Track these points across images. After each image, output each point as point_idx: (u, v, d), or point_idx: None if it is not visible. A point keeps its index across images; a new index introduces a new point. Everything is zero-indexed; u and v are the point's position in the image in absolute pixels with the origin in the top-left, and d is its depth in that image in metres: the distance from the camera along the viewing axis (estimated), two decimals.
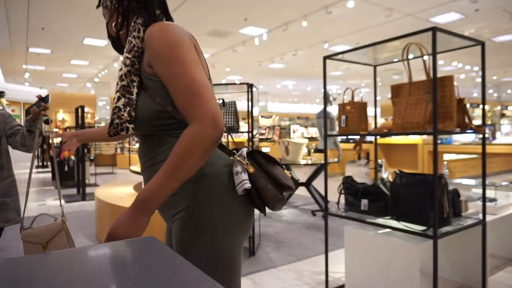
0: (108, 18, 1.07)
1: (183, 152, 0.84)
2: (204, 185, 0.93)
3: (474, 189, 2.89)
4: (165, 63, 0.90)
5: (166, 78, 0.90)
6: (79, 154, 6.42)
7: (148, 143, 0.99)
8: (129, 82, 0.95)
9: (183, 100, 0.88)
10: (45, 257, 0.84)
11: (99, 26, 8.36)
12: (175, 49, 0.90)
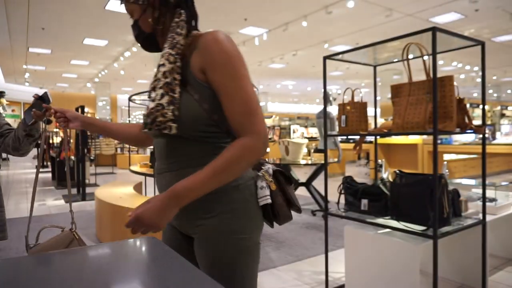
0: (140, 14, 1.03)
1: (232, 159, 0.88)
2: (236, 195, 0.97)
3: (474, 189, 2.89)
4: (224, 74, 0.90)
5: (223, 89, 0.91)
6: (79, 154, 6.42)
7: (179, 145, 0.97)
8: (172, 80, 0.94)
9: (238, 114, 0.90)
10: (45, 257, 0.84)
11: (99, 26, 8.37)
12: (235, 63, 0.91)
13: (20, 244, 3.68)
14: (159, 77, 0.95)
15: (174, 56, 0.95)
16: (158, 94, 0.93)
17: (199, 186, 0.88)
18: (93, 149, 8.93)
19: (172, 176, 0.97)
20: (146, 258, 0.90)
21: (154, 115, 0.92)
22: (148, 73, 13.64)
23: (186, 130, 0.93)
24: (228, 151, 0.89)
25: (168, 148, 0.99)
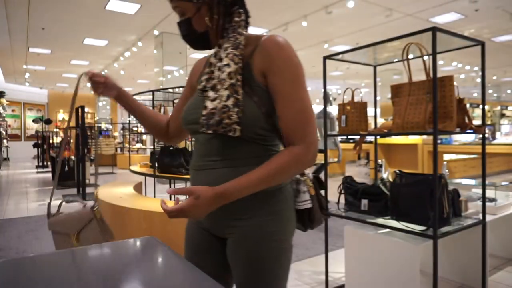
0: (194, 13, 0.98)
1: (283, 167, 0.90)
2: (279, 197, 0.98)
3: (474, 189, 2.89)
4: (286, 81, 0.91)
5: (282, 95, 0.91)
6: (79, 154, 6.42)
7: (231, 144, 0.95)
8: (236, 81, 0.92)
9: (294, 122, 0.91)
10: (45, 257, 0.84)
11: (99, 26, 8.37)
12: (298, 71, 0.93)
13: (20, 244, 3.69)
14: (223, 78, 0.92)
15: (238, 57, 0.94)
16: (224, 96, 0.90)
17: (246, 188, 0.89)
18: (93, 149, 8.92)
19: (219, 174, 0.96)
20: (146, 258, 0.90)
21: (220, 117, 0.89)
22: (148, 73, 13.63)
23: (245, 132, 0.92)
24: (280, 158, 0.90)
25: (218, 147, 0.97)
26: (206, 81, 0.99)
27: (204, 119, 0.92)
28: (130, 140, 11.12)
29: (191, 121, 1.01)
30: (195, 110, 1.00)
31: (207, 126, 0.92)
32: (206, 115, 0.92)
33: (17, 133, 16.97)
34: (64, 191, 7.04)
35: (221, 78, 0.93)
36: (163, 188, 6.79)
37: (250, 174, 0.89)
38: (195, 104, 1.02)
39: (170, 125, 1.23)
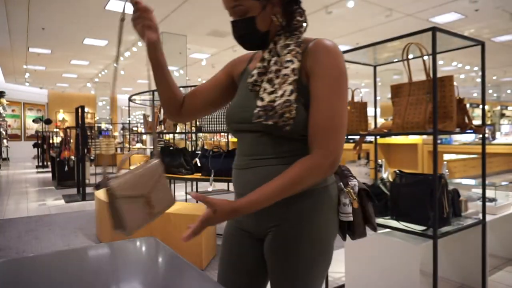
0: (259, 11, 0.95)
1: (298, 178, 0.88)
2: (323, 196, 0.97)
3: (474, 189, 2.89)
4: (328, 87, 0.90)
5: (318, 98, 0.90)
6: (79, 154, 6.42)
7: (274, 143, 0.95)
8: (296, 79, 0.92)
9: (319, 126, 0.90)
10: (45, 257, 0.84)
11: (99, 26, 8.37)
12: (340, 78, 0.92)
13: (20, 244, 3.69)
14: (287, 73, 0.91)
15: (300, 55, 0.94)
16: (288, 90, 0.89)
17: (261, 203, 0.88)
18: (93, 149, 8.92)
19: (267, 172, 0.95)
20: (146, 258, 0.90)
21: (282, 110, 0.88)
22: (148, 73, 13.61)
23: (294, 130, 0.92)
24: (296, 167, 0.89)
25: (265, 145, 0.96)
26: (258, 75, 0.98)
27: (262, 111, 0.90)
28: (130, 140, 11.13)
29: (240, 120, 1.00)
30: (245, 108, 0.98)
31: (266, 117, 0.89)
32: (263, 106, 0.90)
33: (17, 133, 16.97)
34: (64, 191, 7.04)
35: (284, 73, 0.92)
36: None
37: (266, 187, 0.88)
38: (245, 101, 1.00)
39: (186, 101, 1.13)
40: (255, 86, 0.98)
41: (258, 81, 0.97)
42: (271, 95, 0.91)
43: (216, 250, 3.29)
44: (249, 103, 0.97)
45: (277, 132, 0.92)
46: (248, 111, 0.95)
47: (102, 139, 11.27)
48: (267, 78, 0.95)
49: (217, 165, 3.08)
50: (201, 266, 2.89)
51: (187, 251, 2.89)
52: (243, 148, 1.01)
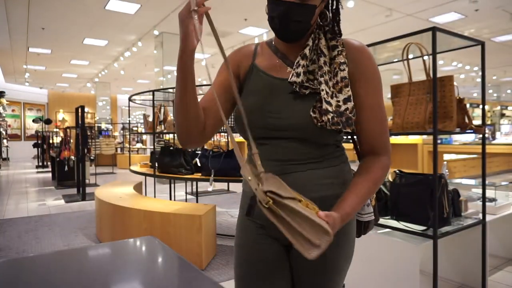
0: (319, 2, 0.89)
1: (379, 180, 0.91)
2: None
3: (474, 189, 2.89)
4: (373, 91, 0.91)
5: (369, 105, 0.91)
6: (79, 154, 6.42)
7: (309, 147, 0.92)
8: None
9: (379, 132, 0.92)
10: (45, 257, 0.84)
11: (99, 26, 8.37)
12: (380, 81, 0.94)
13: (20, 244, 3.69)
14: (346, 76, 0.89)
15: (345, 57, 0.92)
16: (351, 95, 0.89)
17: (353, 214, 0.86)
18: (93, 149, 8.92)
19: (310, 177, 0.92)
20: (146, 258, 0.90)
21: (347, 116, 0.87)
22: (148, 73, 13.63)
23: (330, 138, 0.93)
24: (375, 173, 0.91)
25: (300, 150, 0.92)
26: (304, 75, 0.89)
27: (336, 117, 0.86)
28: (130, 140, 11.14)
29: (271, 126, 0.91)
30: (278, 114, 0.91)
31: (343, 124, 0.86)
32: (335, 112, 0.86)
33: (17, 133, 16.97)
34: (64, 191, 7.04)
35: (342, 76, 0.89)
36: (163, 188, 6.79)
37: (356, 190, 0.88)
38: (275, 105, 0.91)
39: (206, 122, 0.95)
40: (302, 88, 0.89)
41: (303, 82, 0.88)
42: (332, 99, 0.87)
43: (216, 250, 3.29)
44: (284, 107, 0.90)
45: (322, 139, 0.91)
46: (283, 116, 0.89)
47: (102, 139, 11.28)
48: (324, 80, 0.88)
49: (217, 165, 3.08)
50: (201, 266, 2.89)
51: (187, 251, 2.89)
52: (271, 153, 0.93)
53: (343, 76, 0.89)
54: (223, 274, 2.83)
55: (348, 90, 0.88)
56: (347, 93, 0.88)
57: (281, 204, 0.71)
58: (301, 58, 0.90)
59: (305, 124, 0.88)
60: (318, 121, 0.86)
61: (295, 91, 0.89)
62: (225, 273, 2.85)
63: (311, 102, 0.88)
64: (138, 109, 19.38)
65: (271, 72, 0.95)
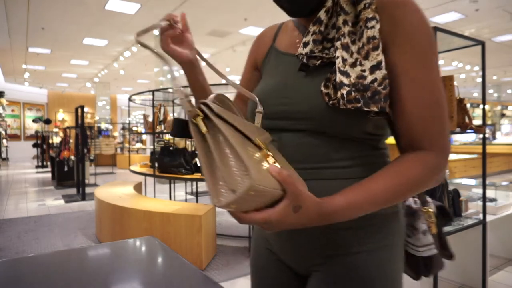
0: None
1: (415, 183, 0.62)
2: (392, 226, 0.71)
3: (474, 189, 2.89)
4: (416, 56, 0.63)
5: (409, 77, 0.63)
6: (78, 154, 6.42)
7: (325, 145, 0.68)
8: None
9: (424, 117, 0.63)
10: (45, 257, 0.84)
11: (99, 26, 8.37)
12: (432, 43, 0.64)
13: (20, 244, 3.69)
14: (374, 35, 0.63)
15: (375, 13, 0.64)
16: (382, 60, 0.62)
17: (368, 205, 0.61)
18: (92, 149, 8.92)
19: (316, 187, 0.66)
20: (146, 258, 0.90)
21: (374, 89, 0.61)
22: (148, 73, 13.63)
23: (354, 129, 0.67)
24: (409, 167, 0.62)
25: (312, 149, 0.69)
26: (315, 43, 0.67)
27: (354, 91, 0.61)
28: (130, 140, 11.14)
29: (277, 114, 0.71)
30: (283, 99, 0.71)
31: (365, 100, 0.61)
32: (354, 84, 0.61)
33: (17, 133, 16.97)
34: (64, 191, 7.04)
35: (370, 35, 0.62)
36: (163, 188, 6.79)
37: (372, 183, 0.61)
38: (280, 87, 0.72)
39: None
40: (311, 59, 0.67)
41: (315, 51, 0.67)
42: (354, 68, 0.62)
43: (216, 250, 3.29)
44: (292, 88, 0.70)
45: (341, 130, 0.66)
46: (291, 101, 0.69)
47: (101, 139, 11.28)
48: (342, 44, 0.64)
49: None
50: (201, 266, 2.88)
51: (187, 251, 2.88)
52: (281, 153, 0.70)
53: (370, 35, 0.63)
54: (223, 274, 2.83)
55: (378, 54, 0.62)
56: (375, 59, 0.62)
57: (213, 125, 0.53)
58: (313, 24, 0.70)
59: (315, 106, 0.66)
60: (330, 99, 0.63)
61: (306, 66, 0.69)
62: (225, 273, 2.85)
63: (324, 76, 0.65)
64: (138, 109, 19.38)
65: (290, 50, 0.77)
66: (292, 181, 0.53)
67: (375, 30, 0.62)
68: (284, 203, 0.53)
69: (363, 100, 0.61)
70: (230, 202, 0.48)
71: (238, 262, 3.06)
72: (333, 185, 0.66)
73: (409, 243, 0.75)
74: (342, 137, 0.67)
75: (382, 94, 0.61)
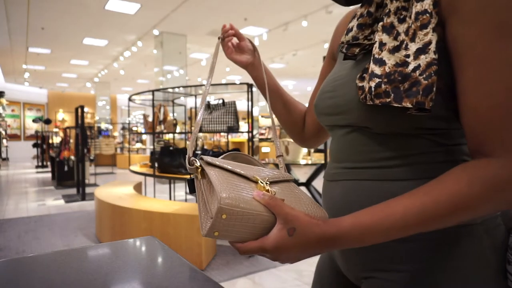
0: None
1: (453, 203, 0.46)
2: (464, 244, 0.54)
3: None
4: (486, 33, 0.47)
5: (476, 59, 0.48)
6: (79, 154, 6.42)
7: (376, 142, 0.59)
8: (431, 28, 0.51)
9: (490, 112, 0.47)
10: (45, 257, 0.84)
11: (99, 26, 8.37)
12: (509, 15, 0.47)
13: (20, 244, 3.69)
14: (426, 9, 0.50)
15: None
16: (432, 42, 0.49)
17: (382, 232, 0.49)
18: (93, 149, 8.92)
19: (360, 188, 0.60)
20: (146, 258, 0.90)
21: (429, 79, 0.48)
22: (148, 73, 13.64)
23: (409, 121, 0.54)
24: (455, 179, 0.47)
25: (359, 146, 0.61)
26: (359, 28, 0.59)
27: (386, 83, 0.51)
28: (130, 140, 11.14)
29: (327, 110, 0.66)
30: (332, 92, 0.64)
31: (397, 94, 0.50)
32: (387, 75, 0.51)
33: (17, 133, 16.98)
34: (64, 191, 7.04)
35: (418, 10, 0.51)
36: (163, 188, 6.79)
37: (391, 206, 0.49)
38: (332, 81, 0.66)
39: (307, 119, 0.87)
40: (352, 47, 0.60)
41: (359, 37, 0.59)
42: (395, 53, 0.52)
43: (216, 250, 3.29)
44: (339, 81, 0.63)
45: (385, 125, 0.56)
46: (337, 94, 0.63)
47: (102, 139, 11.28)
48: (383, 25, 0.54)
49: None
50: (201, 266, 2.89)
51: (187, 251, 2.89)
52: (333, 150, 0.68)
53: (419, 10, 0.50)
54: (223, 274, 2.83)
55: (426, 34, 0.49)
56: (423, 40, 0.49)
57: (205, 172, 0.55)
58: (361, 5, 0.60)
59: (351, 101, 0.59)
60: (363, 93, 0.54)
61: (349, 56, 0.61)
62: (225, 273, 2.85)
63: (364, 65, 0.57)
64: (138, 109, 19.39)
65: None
66: (276, 203, 0.50)
67: (427, 1, 0.50)
68: (276, 227, 0.51)
69: (394, 94, 0.50)
70: (209, 228, 0.49)
71: (238, 262, 3.06)
72: (374, 186, 0.58)
73: (508, 272, 0.54)
74: (389, 133, 0.57)
75: (422, 85, 0.48)
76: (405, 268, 0.56)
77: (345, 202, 0.61)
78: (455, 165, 0.51)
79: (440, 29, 0.51)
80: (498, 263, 0.54)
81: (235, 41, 0.82)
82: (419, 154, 0.56)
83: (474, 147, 0.50)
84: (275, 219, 0.51)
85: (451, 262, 0.54)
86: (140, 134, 12.70)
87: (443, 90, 0.52)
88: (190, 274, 0.75)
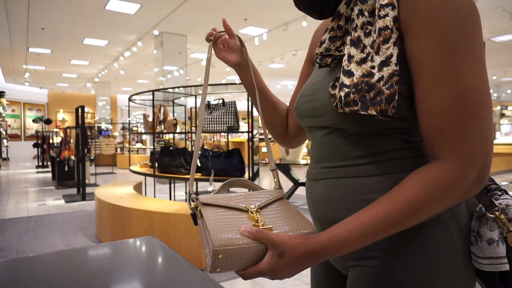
0: None
1: (420, 204, 0.53)
2: (432, 230, 0.60)
3: None
4: (441, 42, 0.52)
5: (427, 66, 0.53)
6: (79, 154, 6.42)
7: (350, 142, 0.64)
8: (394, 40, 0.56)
9: (440, 117, 0.53)
10: (45, 257, 0.84)
11: (99, 26, 8.37)
12: (463, 28, 0.52)
13: (20, 244, 3.69)
14: (387, 25, 0.55)
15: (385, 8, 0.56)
16: (393, 54, 0.54)
17: (355, 241, 0.55)
18: (93, 149, 8.92)
19: (341, 185, 0.65)
20: (146, 258, 0.90)
21: (391, 89, 0.54)
22: (148, 73, 13.64)
23: (364, 125, 0.61)
24: (413, 188, 0.53)
25: (336, 146, 0.66)
26: (331, 40, 0.65)
27: (354, 92, 0.56)
28: (130, 140, 11.15)
29: (305, 112, 0.71)
30: (310, 96, 0.70)
31: (363, 103, 0.55)
32: (355, 85, 0.56)
33: (17, 133, 16.98)
34: (64, 191, 7.05)
35: (381, 26, 0.56)
36: (163, 188, 6.79)
37: (360, 216, 0.55)
38: (310, 86, 0.72)
39: (289, 120, 0.91)
40: (325, 58, 0.65)
41: (331, 49, 0.65)
42: (362, 65, 0.57)
43: None
44: (316, 86, 0.68)
45: (358, 127, 0.62)
46: (314, 99, 0.68)
47: (102, 139, 11.28)
48: (351, 39, 0.60)
49: (217, 165, 3.08)
50: (201, 266, 2.89)
51: (187, 251, 2.89)
52: (312, 151, 0.73)
53: (382, 26, 0.55)
54: (223, 274, 2.83)
55: (388, 48, 0.54)
56: (385, 53, 0.55)
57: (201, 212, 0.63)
58: (332, 19, 0.66)
59: (325, 106, 0.64)
60: (335, 100, 0.59)
61: (324, 65, 0.67)
62: (225, 273, 2.85)
63: (336, 74, 0.63)
64: (138, 109, 19.39)
65: None
66: (262, 235, 0.57)
67: (388, 19, 0.55)
68: (268, 253, 0.58)
69: (361, 102, 0.55)
70: (211, 267, 0.57)
71: None
72: (351, 183, 0.64)
73: (473, 253, 0.60)
74: (363, 134, 0.63)
75: (385, 94, 0.53)
76: (380, 255, 0.62)
77: (327, 199, 0.67)
78: (421, 159, 0.60)
79: (400, 42, 0.56)
80: (464, 245, 0.61)
81: (225, 37, 0.84)
82: (389, 151, 0.62)
83: (429, 151, 0.57)
84: (266, 246, 0.58)
85: (422, 246, 0.60)
86: (140, 134, 12.71)
87: (406, 95, 0.57)
88: (190, 274, 0.75)
